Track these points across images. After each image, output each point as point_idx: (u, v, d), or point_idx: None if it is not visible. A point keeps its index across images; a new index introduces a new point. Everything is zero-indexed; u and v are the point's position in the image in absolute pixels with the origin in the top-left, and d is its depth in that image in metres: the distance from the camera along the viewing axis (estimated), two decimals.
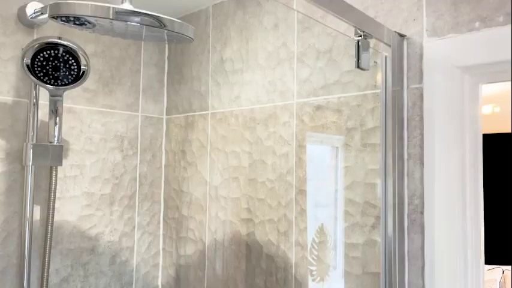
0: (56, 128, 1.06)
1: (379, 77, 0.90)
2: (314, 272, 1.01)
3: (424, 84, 0.84)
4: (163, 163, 1.45)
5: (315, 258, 1.01)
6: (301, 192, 1.04)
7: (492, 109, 2.72)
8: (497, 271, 3.89)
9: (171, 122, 1.43)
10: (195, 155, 1.34)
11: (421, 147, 0.85)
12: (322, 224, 1.02)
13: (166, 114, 1.45)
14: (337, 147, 0.98)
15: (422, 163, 0.84)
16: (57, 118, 1.04)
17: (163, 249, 1.42)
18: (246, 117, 1.19)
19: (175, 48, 1.44)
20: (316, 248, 1.01)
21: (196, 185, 1.33)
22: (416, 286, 0.83)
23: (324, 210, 1.00)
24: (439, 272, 0.81)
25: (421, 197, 0.84)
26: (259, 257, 1.13)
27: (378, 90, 0.92)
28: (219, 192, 1.25)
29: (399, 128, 0.87)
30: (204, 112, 1.32)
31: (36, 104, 1.07)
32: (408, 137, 0.87)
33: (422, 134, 0.85)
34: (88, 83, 1.25)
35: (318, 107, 1.03)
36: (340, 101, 0.98)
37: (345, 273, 0.95)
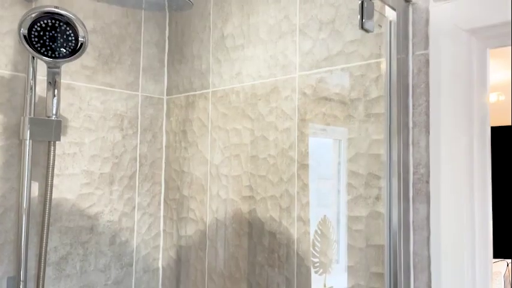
0: (54, 102, 1.05)
1: (384, 45, 0.87)
2: (317, 264, 0.99)
3: (430, 49, 0.82)
4: (163, 144, 1.43)
5: (318, 250, 0.99)
6: (303, 166, 1.02)
7: (497, 97, 2.69)
8: (502, 264, 3.86)
9: (172, 102, 1.41)
10: (196, 135, 1.32)
11: (427, 114, 0.82)
12: (325, 215, 1.00)
13: (167, 95, 1.43)
14: (340, 119, 0.96)
15: (428, 131, 0.82)
16: (55, 90, 1.02)
17: (164, 230, 1.40)
18: (247, 94, 1.17)
19: (175, 27, 1.42)
20: (319, 240, 0.99)
21: (197, 164, 1.31)
22: (421, 257, 0.81)
23: (327, 184, 0.98)
24: (445, 242, 0.79)
25: (427, 165, 0.82)
26: (261, 234, 1.11)
27: (382, 59, 0.90)
28: (220, 171, 1.23)
29: (404, 96, 0.85)
30: (205, 91, 1.30)
31: (34, 78, 1.06)
32: (413, 105, 0.84)
33: (428, 101, 0.82)
34: (87, 60, 1.23)
35: (321, 80, 1.00)
36: (344, 71, 0.96)
37: (348, 246, 0.93)
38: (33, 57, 1.04)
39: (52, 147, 1.09)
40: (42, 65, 1.08)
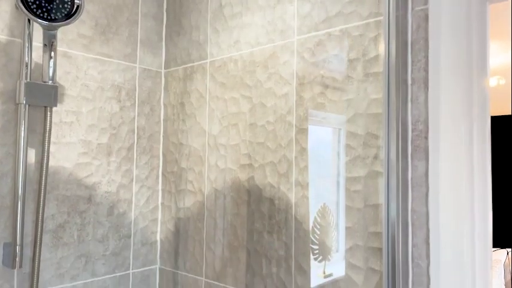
0: (51, 66, 1.04)
1: (383, 3, 0.86)
2: (316, 251, 0.99)
3: (430, 4, 0.81)
4: (161, 117, 1.42)
5: (317, 237, 0.98)
6: (302, 131, 1.01)
7: (497, 81, 2.68)
8: (502, 252, 3.86)
9: (170, 75, 1.40)
10: (194, 106, 1.31)
11: (426, 70, 0.81)
12: (325, 203, 0.99)
13: (165, 68, 1.42)
14: (339, 80, 0.95)
15: (427, 87, 0.81)
16: (52, 53, 1.02)
17: (162, 204, 1.40)
18: (246, 62, 1.16)
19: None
20: (319, 227, 0.99)
21: (195, 136, 1.30)
22: (419, 214, 0.81)
23: (326, 147, 0.98)
24: (443, 198, 0.78)
25: (426, 121, 0.81)
26: (259, 201, 1.10)
27: (381, 18, 0.89)
28: (218, 141, 1.22)
29: (403, 52, 0.84)
30: (203, 61, 1.29)
31: (30, 42, 1.05)
32: (412, 61, 0.83)
33: (427, 57, 0.81)
34: (84, 28, 1.22)
35: (319, 42, 0.99)
36: (342, 32, 0.95)
37: (346, 208, 0.92)
38: (29, 21, 1.03)
39: (49, 113, 1.08)
40: (38, 31, 1.07)
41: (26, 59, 1.05)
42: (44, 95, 1.06)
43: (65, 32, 1.17)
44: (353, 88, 0.93)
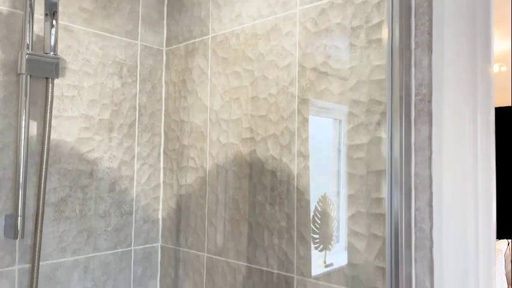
0: (53, 33, 1.03)
1: None
2: (317, 241, 0.99)
3: None
4: (163, 95, 1.42)
5: (318, 227, 0.98)
6: (304, 101, 1.01)
7: (499, 68, 2.67)
8: (503, 242, 3.87)
9: (171, 53, 1.40)
10: (195, 83, 1.31)
11: (430, 33, 0.81)
12: (325, 193, 0.99)
13: (166, 46, 1.42)
14: (341, 49, 0.95)
15: (430, 50, 0.81)
16: (54, 21, 1.01)
17: (164, 182, 1.40)
18: (248, 35, 1.15)
19: None
20: (319, 216, 0.99)
21: (197, 112, 1.30)
22: (423, 177, 0.80)
23: (328, 115, 0.97)
24: (447, 161, 0.78)
25: (429, 85, 0.80)
26: (261, 174, 1.10)
27: None
28: (219, 116, 1.22)
29: (406, 16, 0.83)
30: (205, 37, 1.28)
31: (31, 12, 1.04)
32: (416, 25, 0.83)
33: (431, 20, 0.81)
34: (85, 2, 1.21)
35: (322, 11, 0.99)
36: (345, 1, 0.94)
37: (348, 175, 0.92)
38: None
39: (50, 85, 1.08)
40: (40, 5, 1.07)
41: (28, 30, 1.04)
42: (45, 66, 1.05)
43: (66, 5, 1.17)
44: (356, 56, 0.92)
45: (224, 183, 1.20)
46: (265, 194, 1.09)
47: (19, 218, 1.03)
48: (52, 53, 1.06)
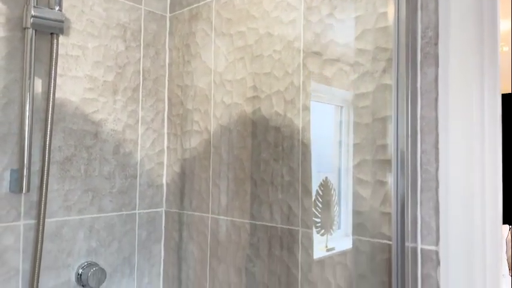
0: None
1: None
2: (318, 225, 0.99)
3: None
4: (166, 62, 1.41)
5: (319, 210, 0.99)
6: (309, 55, 1.01)
7: (501, 48, 2.66)
8: (504, 227, 3.87)
9: (175, 18, 1.40)
10: (199, 46, 1.31)
11: None
12: (327, 177, 0.99)
13: (170, 12, 1.42)
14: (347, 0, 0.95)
15: None
16: None
17: (168, 147, 1.40)
18: None
19: None
20: (321, 200, 0.99)
21: (201, 75, 1.29)
22: (429, 119, 0.80)
23: (333, 66, 0.97)
24: (453, 103, 0.78)
25: (436, 28, 0.80)
26: (265, 131, 1.10)
27: None
28: (223, 77, 1.22)
29: None
30: (209, 0, 1.28)
31: None
32: None
33: None
34: None
35: None
36: None
37: (354, 124, 0.92)
38: None
39: (55, 41, 1.08)
40: None
41: None
42: (50, 21, 1.05)
43: None
44: (361, 5, 0.92)
45: (228, 143, 1.20)
46: (269, 151, 1.09)
47: (25, 171, 1.03)
48: (57, 7, 1.06)
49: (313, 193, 0.99)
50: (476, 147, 0.76)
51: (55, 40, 1.07)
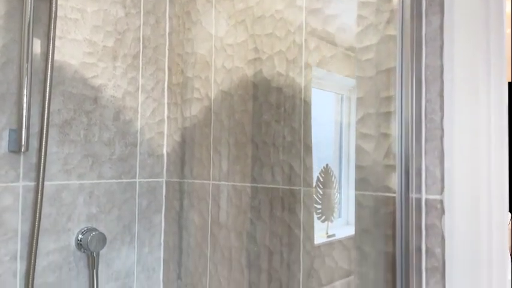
0: None
1: None
2: (319, 211, 0.98)
3: None
4: (167, 30, 1.40)
5: (320, 197, 0.98)
6: (311, 12, 0.99)
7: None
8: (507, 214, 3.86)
9: None
10: (200, 13, 1.29)
11: None
12: (327, 164, 0.98)
13: None
14: None
15: None
16: None
17: (168, 117, 1.39)
18: None
19: None
20: (321, 187, 0.98)
21: (201, 42, 1.28)
22: (434, 68, 0.79)
23: (336, 21, 0.95)
24: (458, 50, 0.76)
25: None
26: (267, 93, 1.09)
27: None
28: (224, 42, 1.21)
29: None
30: None
31: None
32: None
33: None
34: None
35: None
36: None
37: (357, 78, 0.91)
38: None
39: (54, 0, 1.06)
40: None
41: None
42: None
43: None
44: None
45: (229, 109, 1.19)
46: (271, 112, 1.08)
47: (23, 130, 1.02)
48: None
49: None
50: (482, 93, 0.74)
51: (54, 0, 1.06)
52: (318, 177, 0.99)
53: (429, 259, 0.77)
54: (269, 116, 1.08)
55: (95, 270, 1.15)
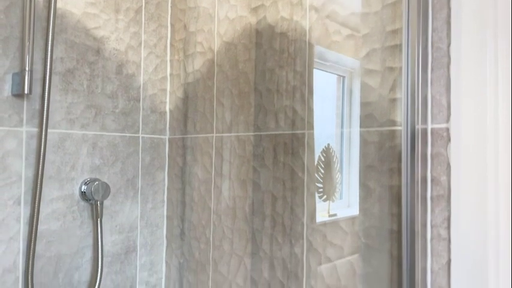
0: None
1: None
2: (320, 190, 0.97)
3: None
4: None
5: (322, 176, 0.97)
6: None
7: None
8: None
9: None
10: None
11: None
12: (329, 144, 0.97)
13: None
14: None
15: None
16: None
17: (171, 74, 1.38)
18: None
19: None
20: (323, 166, 0.97)
21: None
22: (440, 32, 0.78)
23: None
24: (466, 20, 0.75)
25: None
26: (271, 39, 1.08)
27: None
28: None
29: None
30: None
31: None
32: None
33: None
34: None
35: None
36: None
37: (361, 14, 0.90)
38: None
39: None
40: None
41: None
42: None
43: None
44: None
45: (233, 59, 1.18)
46: (275, 58, 1.07)
47: (26, 74, 1.01)
48: None
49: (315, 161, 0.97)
50: (490, 20, 0.73)
51: None
52: (319, 156, 0.97)
53: (435, 187, 0.77)
54: (273, 62, 1.07)
55: (99, 219, 1.15)
